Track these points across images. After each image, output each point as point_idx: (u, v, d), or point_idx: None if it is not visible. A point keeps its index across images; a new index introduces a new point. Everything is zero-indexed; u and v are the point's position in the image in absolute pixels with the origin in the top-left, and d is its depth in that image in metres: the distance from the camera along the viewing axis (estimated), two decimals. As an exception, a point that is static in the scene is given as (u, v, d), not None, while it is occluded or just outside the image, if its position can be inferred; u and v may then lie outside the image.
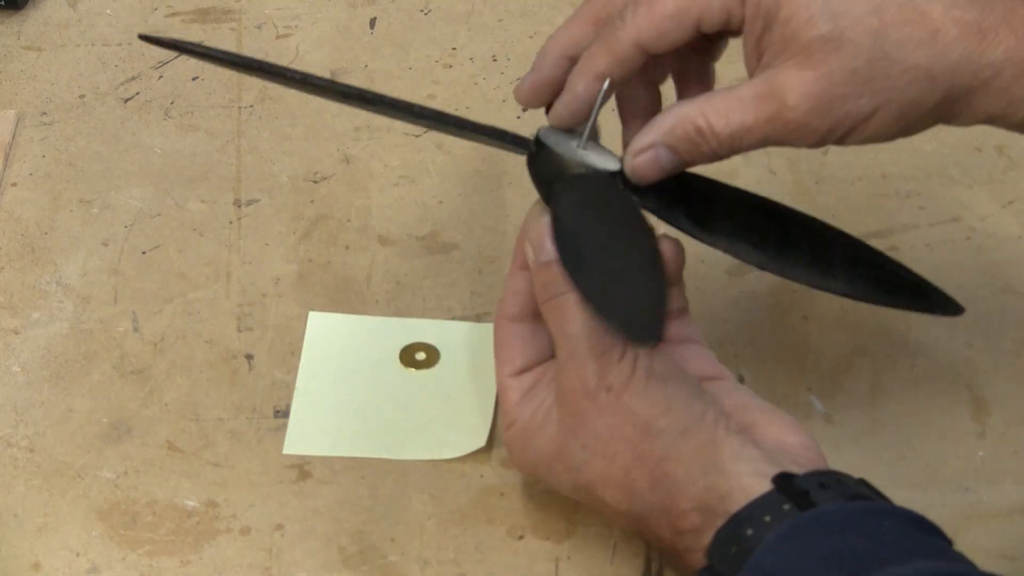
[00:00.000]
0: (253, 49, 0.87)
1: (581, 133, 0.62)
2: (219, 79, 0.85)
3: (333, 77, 0.85)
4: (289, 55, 0.87)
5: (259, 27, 0.88)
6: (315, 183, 0.80)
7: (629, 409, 0.57)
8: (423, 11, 0.89)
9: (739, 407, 0.60)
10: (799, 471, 0.56)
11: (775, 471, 0.56)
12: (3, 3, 0.88)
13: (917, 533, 0.55)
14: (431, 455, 0.68)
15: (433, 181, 0.80)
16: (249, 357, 0.72)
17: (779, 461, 0.57)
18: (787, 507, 0.54)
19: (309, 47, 0.87)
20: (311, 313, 0.74)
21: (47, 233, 0.78)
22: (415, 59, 0.86)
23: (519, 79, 0.64)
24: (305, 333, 0.73)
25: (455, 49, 0.87)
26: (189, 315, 0.74)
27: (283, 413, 0.70)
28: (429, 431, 0.69)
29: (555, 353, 0.60)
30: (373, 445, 0.69)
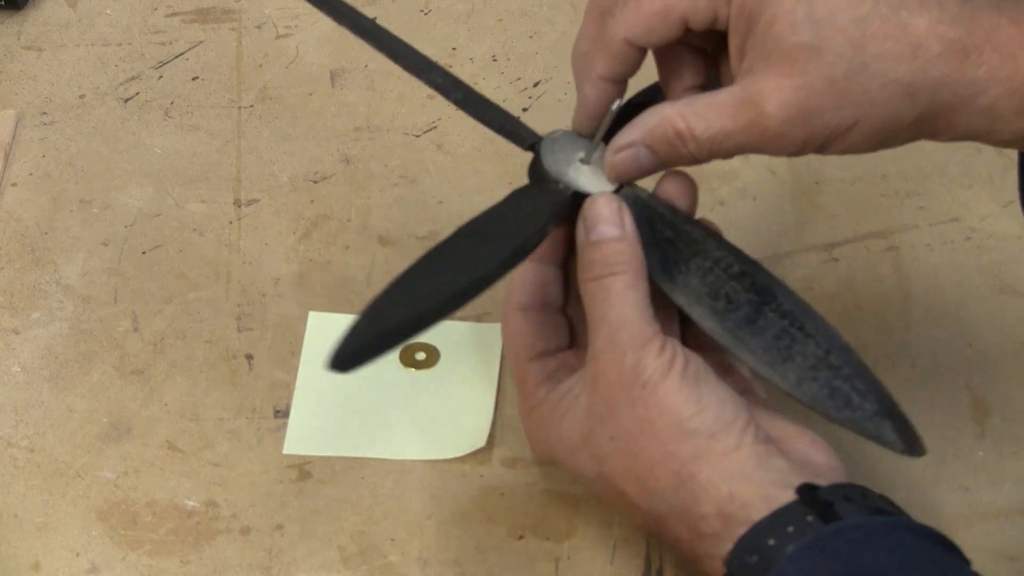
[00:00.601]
0: (253, 49, 0.87)
1: (597, 141, 0.62)
2: (219, 79, 0.85)
3: (333, 77, 0.85)
4: (289, 55, 0.87)
5: (259, 27, 0.88)
6: (315, 183, 0.80)
7: (662, 405, 0.57)
8: (423, 11, 0.89)
9: (768, 420, 0.59)
10: (824, 484, 0.56)
11: (800, 482, 0.56)
12: (3, 3, 0.88)
13: (938, 550, 0.55)
14: (431, 455, 0.68)
15: (433, 181, 0.80)
16: (249, 357, 0.72)
17: (804, 474, 0.57)
18: (810, 519, 0.54)
19: (309, 47, 0.87)
20: (311, 313, 0.74)
21: (47, 233, 0.78)
22: (415, 59, 0.86)
23: (571, 110, 0.63)
24: (305, 333, 0.73)
25: (455, 49, 0.87)
26: (189, 315, 0.74)
27: (283, 413, 0.70)
28: (429, 431, 0.69)
29: (589, 338, 0.59)
30: (373, 445, 0.69)
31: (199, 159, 0.81)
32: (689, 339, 0.62)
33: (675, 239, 0.60)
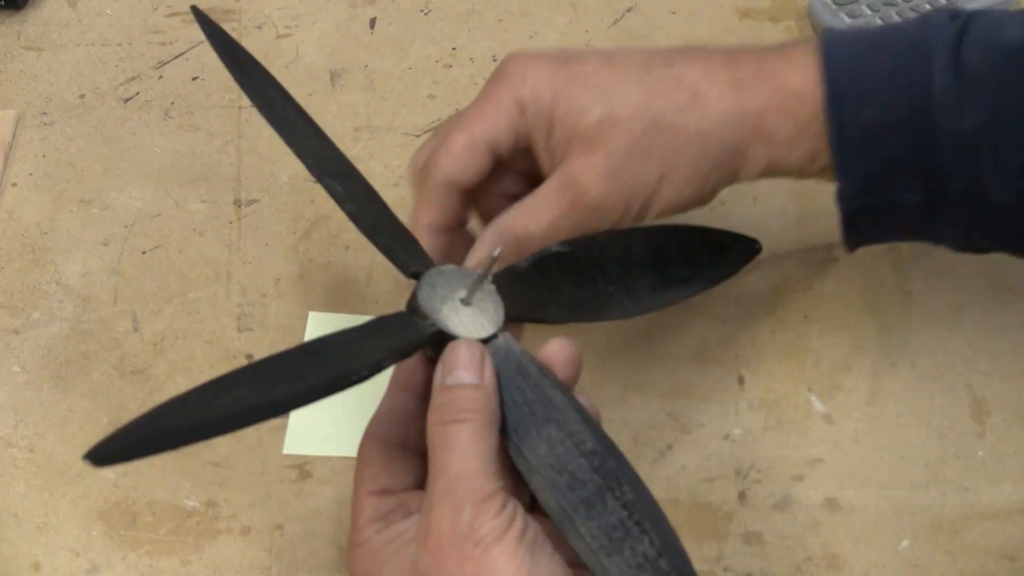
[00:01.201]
0: (253, 49, 0.87)
1: (479, 281, 0.60)
2: (219, 79, 0.85)
3: (333, 77, 0.85)
4: (289, 55, 0.87)
5: (259, 27, 0.88)
6: (315, 183, 0.80)
7: (493, 567, 0.53)
8: (423, 11, 0.89)
9: None
10: None
11: None
12: (3, 3, 0.88)
13: None
14: (431, 455, 0.68)
15: (433, 181, 0.80)
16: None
17: None
18: None
19: (309, 47, 0.87)
20: (311, 313, 0.74)
21: (47, 233, 0.78)
22: (415, 59, 0.86)
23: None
24: (305, 333, 0.73)
25: (455, 49, 0.87)
26: (189, 315, 0.74)
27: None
28: (429, 431, 0.69)
29: (428, 484, 0.56)
30: (373, 445, 0.69)
31: (199, 159, 0.81)
32: (537, 503, 0.58)
33: (535, 401, 0.57)
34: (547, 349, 0.59)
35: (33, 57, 0.87)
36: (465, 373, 0.57)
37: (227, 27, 0.88)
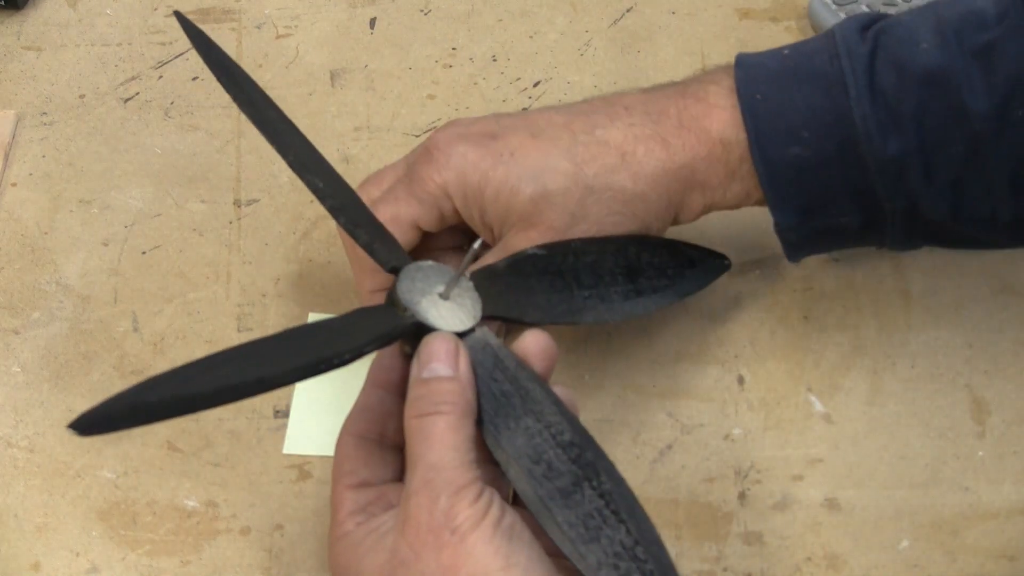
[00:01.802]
0: (253, 49, 0.87)
1: (458, 276, 0.61)
2: (219, 79, 0.85)
3: (333, 77, 0.85)
4: (289, 55, 0.87)
5: (259, 27, 0.88)
6: (315, 183, 0.80)
7: (470, 554, 0.53)
8: (423, 11, 0.89)
9: None
10: None
11: None
12: (3, 3, 0.88)
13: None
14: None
15: (433, 181, 0.80)
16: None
17: None
18: None
19: (309, 47, 0.87)
20: (311, 313, 0.74)
21: (47, 233, 0.78)
22: (415, 59, 0.86)
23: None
24: (305, 333, 0.73)
25: (455, 49, 0.87)
26: (189, 315, 0.74)
27: (283, 413, 0.70)
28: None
29: (406, 476, 0.57)
30: (373, 445, 0.69)
31: (199, 159, 0.81)
32: (517, 497, 0.58)
33: (512, 393, 0.57)
34: (522, 341, 0.60)
35: (33, 57, 0.87)
36: (440, 366, 0.57)
37: (227, 27, 0.88)
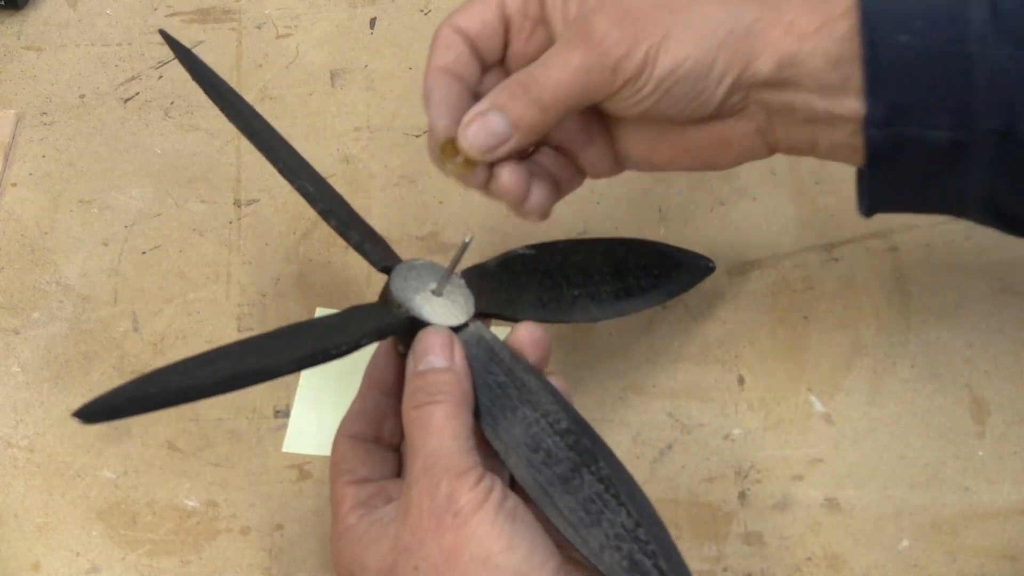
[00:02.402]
0: (253, 49, 0.87)
1: (449, 272, 0.61)
2: (219, 79, 0.85)
3: (333, 77, 0.85)
4: (289, 55, 0.87)
5: (259, 27, 0.88)
6: (315, 183, 0.80)
7: (472, 536, 0.54)
8: (423, 11, 0.89)
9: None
10: None
11: None
12: (3, 3, 0.88)
13: None
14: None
15: (433, 181, 0.80)
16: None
17: None
18: None
19: (309, 47, 0.87)
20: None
21: (47, 233, 0.78)
22: (415, 59, 0.86)
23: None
24: (305, 333, 0.73)
25: (455, 49, 0.87)
26: (189, 315, 0.74)
27: (283, 413, 0.70)
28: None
29: (407, 467, 0.57)
30: (373, 445, 0.69)
31: (199, 159, 0.81)
32: (517, 486, 0.58)
33: (508, 384, 0.58)
34: (516, 334, 0.60)
35: (33, 57, 0.87)
36: (435, 358, 0.58)
37: (227, 27, 0.88)
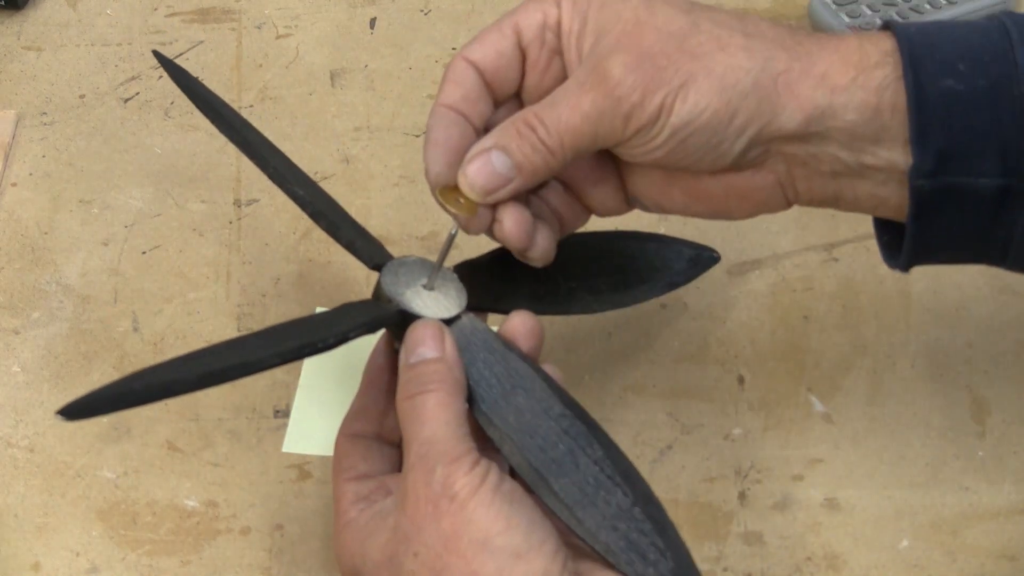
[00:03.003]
0: (253, 49, 0.87)
1: (439, 265, 0.61)
2: (219, 79, 0.85)
3: (333, 77, 0.85)
4: (289, 55, 0.87)
5: (259, 27, 0.88)
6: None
7: (470, 519, 0.54)
8: (423, 11, 0.89)
9: (581, 557, 0.56)
10: None
11: None
12: (3, 3, 0.88)
13: None
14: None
15: (433, 181, 0.80)
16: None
17: None
18: None
19: (309, 47, 0.87)
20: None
21: (47, 233, 0.78)
22: (415, 59, 0.86)
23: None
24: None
25: (455, 49, 0.87)
26: (189, 315, 0.74)
27: (283, 413, 0.70)
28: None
29: (403, 459, 0.57)
30: (373, 445, 0.69)
31: (199, 159, 0.81)
32: (515, 473, 0.59)
33: (501, 373, 0.59)
34: (509, 323, 0.60)
35: (33, 57, 0.87)
36: (426, 349, 0.58)
37: (227, 27, 0.88)
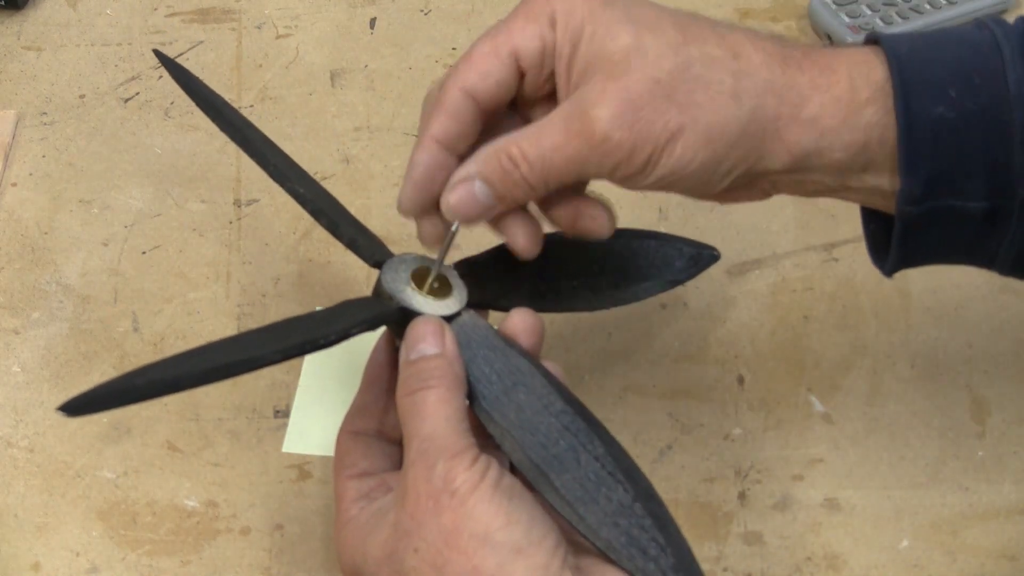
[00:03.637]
0: (253, 49, 0.87)
1: (440, 261, 0.61)
2: (219, 79, 0.85)
3: (333, 77, 0.85)
4: (289, 55, 0.87)
5: (259, 27, 0.88)
6: (315, 183, 0.80)
7: (470, 515, 0.54)
8: (423, 11, 0.89)
9: (581, 552, 0.56)
10: None
11: None
12: (3, 3, 0.88)
13: None
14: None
15: (433, 181, 0.80)
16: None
17: None
18: None
19: (309, 47, 0.87)
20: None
21: (47, 233, 0.78)
22: (415, 59, 0.86)
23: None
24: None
25: (455, 49, 0.87)
26: (189, 315, 0.74)
27: (283, 413, 0.70)
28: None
29: (404, 455, 0.57)
30: (373, 445, 0.69)
31: (199, 159, 0.81)
32: (516, 469, 0.58)
33: (502, 370, 0.58)
34: (510, 320, 0.60)
35: (33, 57, 0.87)
36: (426, 346, 0.58)
37: (227, 27, 0.88)
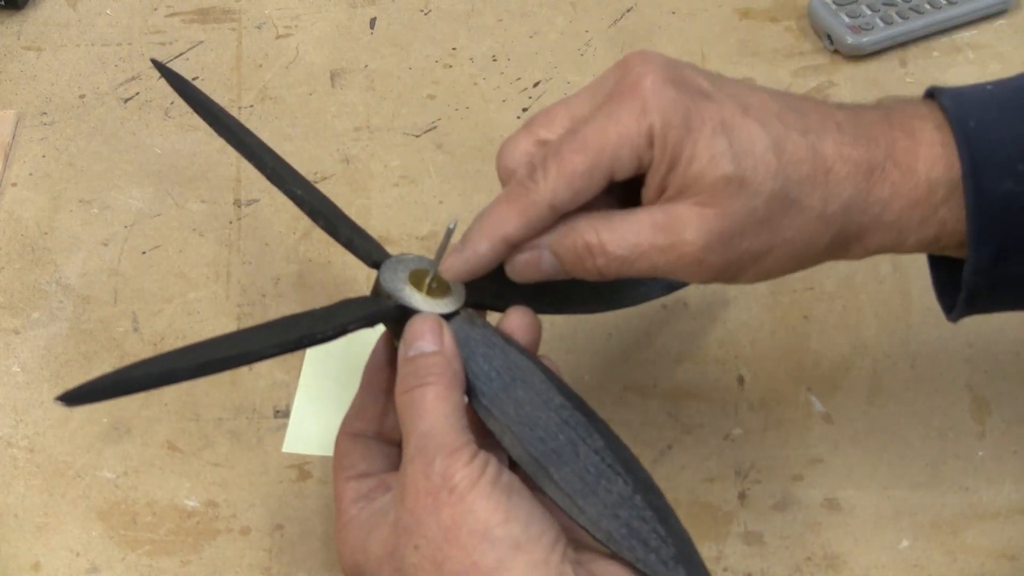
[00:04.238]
0: (253, 49, 0.87)
1: (438, 259, 0.61)
2: (219, 79, 0.85)
3: (333, 77, 0.85)
4: (289, 55, 0.87)
5: (259, 27, 0.88)
6: (315, 183, 0.80)
7: (470, 511, 0.54)
8: (423, 11, 0.89)
9: (581, 547, 0.57)
10: None
11: None
12: (3, 3, 0.88)
13: None
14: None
15: (433, 181, 0.80)
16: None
17: None
18: None
19: (309, 47, 0.87)
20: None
21: (47, 233, 0.78)
22: (415, 59, 0.86)
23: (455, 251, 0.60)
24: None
25: (455, 49, 0.87)
26: (189, 315, 0.74)
27: (283, 413, 0.70)
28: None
29: (403, 452, 0.57)
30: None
31: (199, 159, 0.81)
32: (516, 466, 0.59)
33: (500, 367, 0.59)
34: (507, 318, 0.61)
35: (33, 57, 0.87)
36: (424, 343, 0.58)
37: (227, 27, 0.88)
